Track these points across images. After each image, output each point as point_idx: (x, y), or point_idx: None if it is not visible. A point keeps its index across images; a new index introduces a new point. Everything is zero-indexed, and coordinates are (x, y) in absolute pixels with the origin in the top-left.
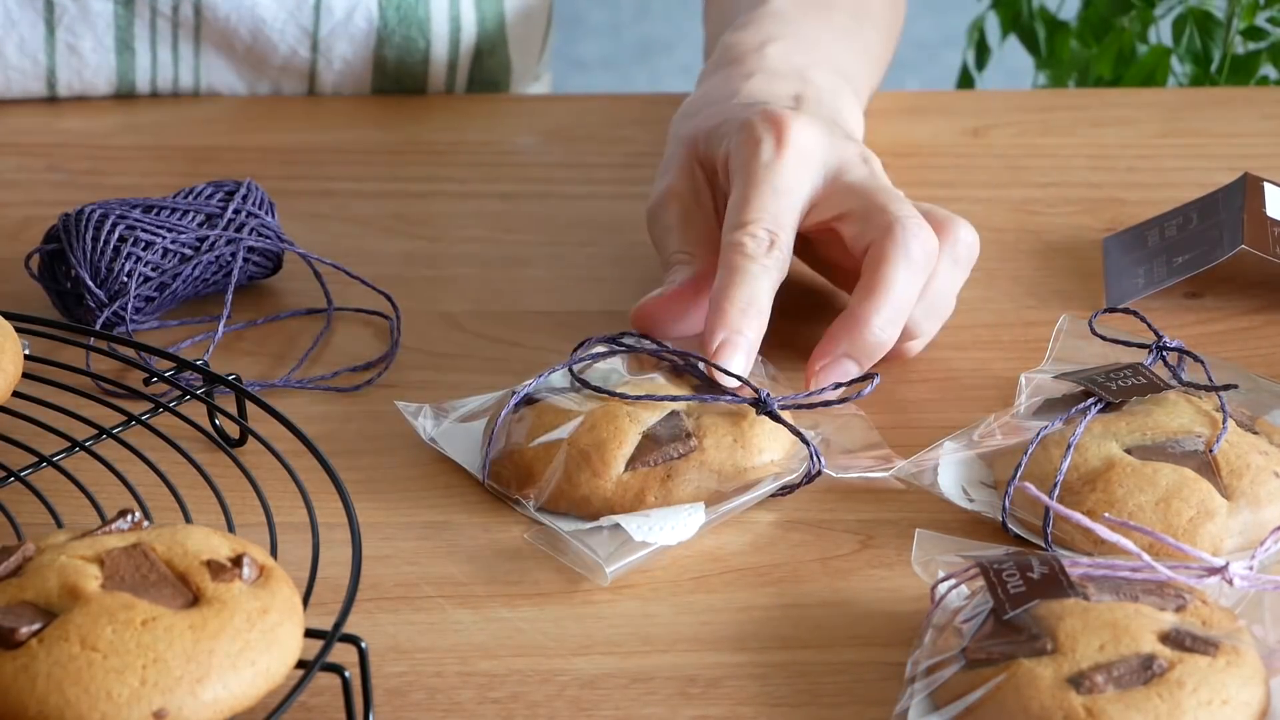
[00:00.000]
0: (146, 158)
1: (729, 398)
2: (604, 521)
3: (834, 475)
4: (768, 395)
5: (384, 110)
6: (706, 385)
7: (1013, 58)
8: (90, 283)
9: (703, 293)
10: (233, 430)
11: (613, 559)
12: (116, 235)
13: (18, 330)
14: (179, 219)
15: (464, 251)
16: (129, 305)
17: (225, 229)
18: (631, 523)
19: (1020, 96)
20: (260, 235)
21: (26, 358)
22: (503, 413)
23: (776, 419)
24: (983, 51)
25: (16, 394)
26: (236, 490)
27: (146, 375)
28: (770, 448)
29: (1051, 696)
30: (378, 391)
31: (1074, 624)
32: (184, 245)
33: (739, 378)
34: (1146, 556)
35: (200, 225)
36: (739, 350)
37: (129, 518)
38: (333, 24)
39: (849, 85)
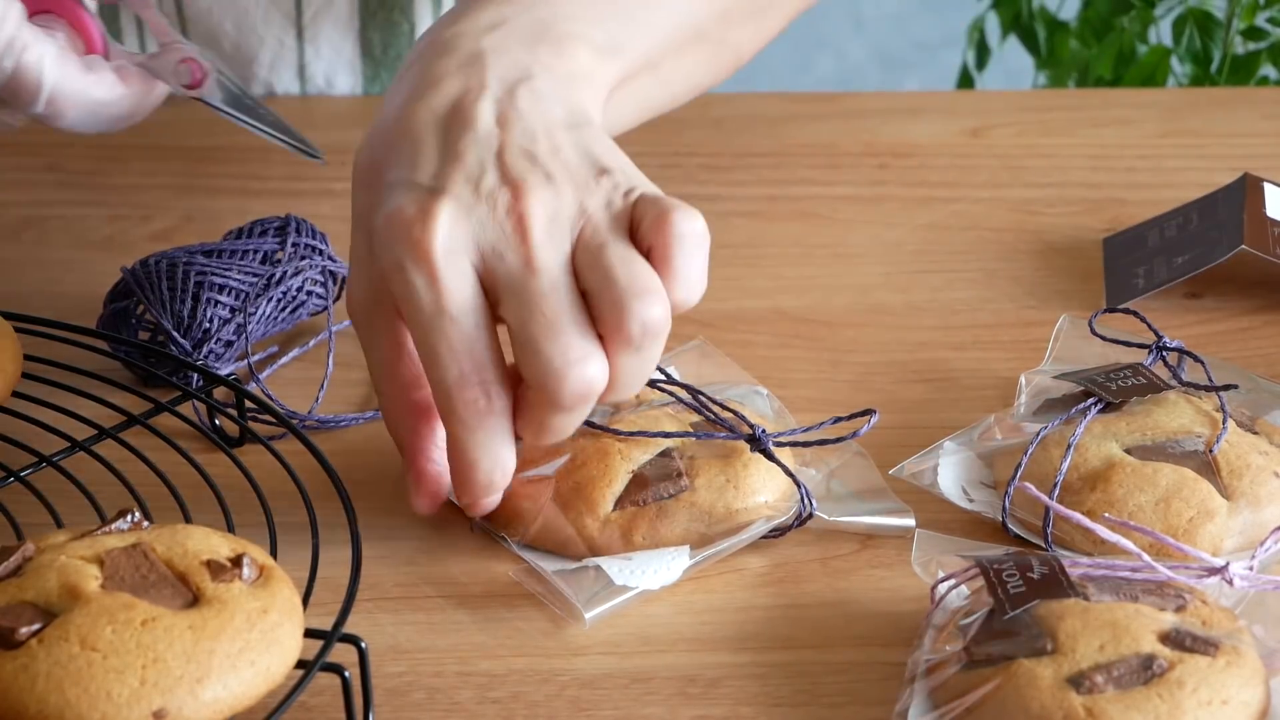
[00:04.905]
0: (146, 157)
1: (724, 435)
2: (588, 562)
3: (826, 519)
4: (763, 432)
5: None
6: (703, 422)
7: (1013, 58)
8: (175, 333)
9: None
10: (232, 430)
11: (593, 603)
12: (193, 282)
13: (17, 330)
14: (240, 259)
15: None
16: (210, 349)
17: (289, 262)
18: (613, 566)
19: (1020, 96)
20: (332, 259)
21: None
22: None
23: (770, 457)
24: (983, 51)
25: (16, 394)
26: (236, 490)
27: (146, 375)
28: (764, 489)
29: (1051, 696)
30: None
31: (1074, 624)
32: (254, 280)
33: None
34: (1146, 556)
35: (262, 263)
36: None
37: (129, 518)
38: (315, 9)
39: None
